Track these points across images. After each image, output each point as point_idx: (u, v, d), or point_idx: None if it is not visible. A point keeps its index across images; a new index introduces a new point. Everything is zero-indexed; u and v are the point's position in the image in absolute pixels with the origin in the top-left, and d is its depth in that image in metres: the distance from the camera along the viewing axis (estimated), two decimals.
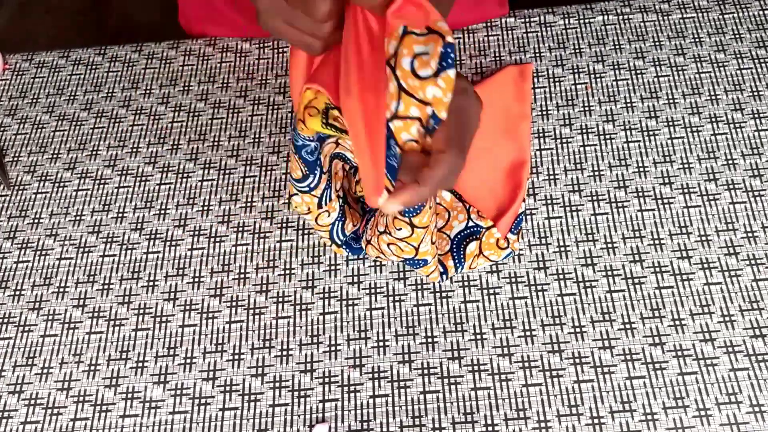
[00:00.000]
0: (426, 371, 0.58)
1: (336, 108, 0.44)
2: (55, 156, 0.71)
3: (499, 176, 0.65)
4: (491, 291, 0.61)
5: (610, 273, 0.61)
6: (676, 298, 0.59)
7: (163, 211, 0.67)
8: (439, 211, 0.63)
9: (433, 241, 0.54)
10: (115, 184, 0.69)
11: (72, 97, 0.75)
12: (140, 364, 0.60)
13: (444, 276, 0.60)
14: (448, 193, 0.64)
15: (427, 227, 0.51)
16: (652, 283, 0.60)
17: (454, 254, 0.61)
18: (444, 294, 0.61)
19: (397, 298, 0.61)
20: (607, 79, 0.71)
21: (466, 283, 0.61)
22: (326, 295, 0.62)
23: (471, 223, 0.62)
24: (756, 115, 0.67)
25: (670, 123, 0.68)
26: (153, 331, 0.61)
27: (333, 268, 0.63)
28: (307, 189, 0.54)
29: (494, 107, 0.69)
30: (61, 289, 0.64)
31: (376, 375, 0.58)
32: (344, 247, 0.61)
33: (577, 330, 0.58)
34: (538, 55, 0.73)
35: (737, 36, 0.72)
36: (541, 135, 0.68)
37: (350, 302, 0.61)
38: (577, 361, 0.57)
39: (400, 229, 0.51)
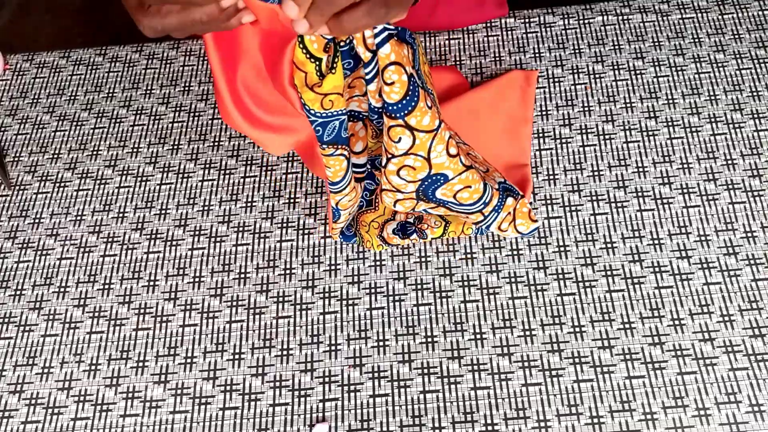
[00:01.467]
0: (426, 371, 0.58)
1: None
2: (55, 156, 0.71)
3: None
4: (491, 291, 0.61)
5: (609, 273, 0.61)
6: (675, 297, 0.59)
7: (163, 211, 0.67)
8: (479, 161, 0.59)
9: (451, 154, 0.48)
10: (116, 184, 0.69)
11: (73, 98, 0.75)
12: (141, 364, 0.60)
13: (492, 210, 0.55)
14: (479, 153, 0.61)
15: (435, 133, 0.46)
16: (652, 282, 0.60)
17: (501, 195, 0.57)
18: (444, 294, 0.61)
19: (397, 297, 0.61)
20: (606, 80, 0.71)
21: (466, 283, 0.61)
22: (326, 294, 0.62)
23: (508, 183, 0.59)
24: (755, 116, 0.67)
25: (670, 123, 0.68)
26: (153, 331, 0.61)
27: (333, 267, 0.63)
28: (351, 174, 0.51)
29: (497, 109, 0.69)
30: (62, 289, 0.64)
31: (376, 374, 0.58)
32: (340, 236, 0.62)
33: (577, 330, 0.59)
34: (537, 55, 0.73)
35: (737, 36, 0.72)
36: (540, 135, 0.68)
37: (350, 302, 0.61)
38: (577, 360, 0.57)
39: (399, 139, 0.46)
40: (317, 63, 0.44)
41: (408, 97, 0.44)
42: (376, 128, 0.52)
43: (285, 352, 0.59)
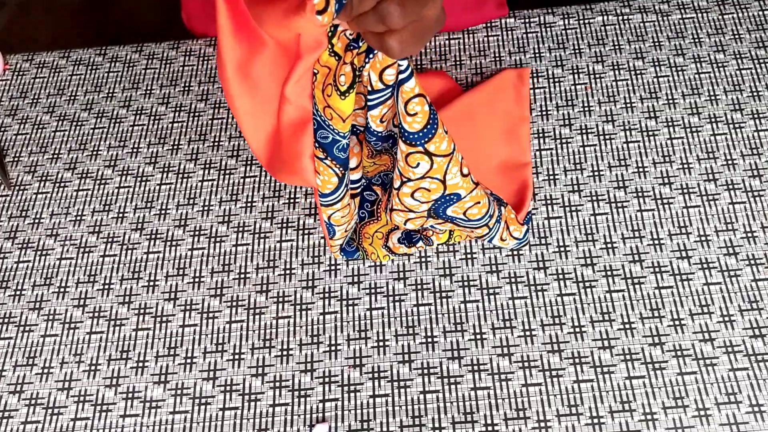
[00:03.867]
0: (426, 371, 0.58)
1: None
2: (55, 156, 0.71)
3: (501, 177, 0.65)
4: (491, 291, 0.61)
5: (609, 273, 0.61)
6: (675, 298, 0.59)
7: (163, 211, 0.67)
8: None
9: (464, 174, 0.50)
10: (116, 184, 0.69)
11: (72, 98, 0.75)
12: (141, 364, 0.60)
13: (495, 221, 0.56)
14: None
15: (450, 156, 0.48)
16: (652, 283, 0.60)
17: (498, 206, 0.58)
18: (444, 294, 0.61)
19: (397, 298, 0.61)
20: (606, 80, 0.71)
21: (466, 283, 0.61)
22: (326, 295, 0.62)
23: (495, 194, 0.61)
24: (755, 116, 0.67)
25: (670, 123, 0.68)
26: (153, 331, 0.61)
27: (333, 268, 0.63)
28: (344, 191, 0.51)
29: (494, 110, 0.69)
30: (62, 289, 0.64)
31: (376, 375, 0.58)
32: (341, 252, 0.61)
33: (577, 330, 0.59)
34: (537, 55, 0.73)
35: (737, 36, 0.72)
36: (540, 135, 0.68)
37: (350, 302, 0.61)
38: (577, 360, 0.57)
39: (417, 165, 0.48)
40: (337, 59, 0.44)
41: (429, 126, 0.45)
42: (373, 149, 0.52)
43: (285, 353, 0.59)
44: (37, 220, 0.67)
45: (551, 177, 0.66)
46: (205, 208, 0.67)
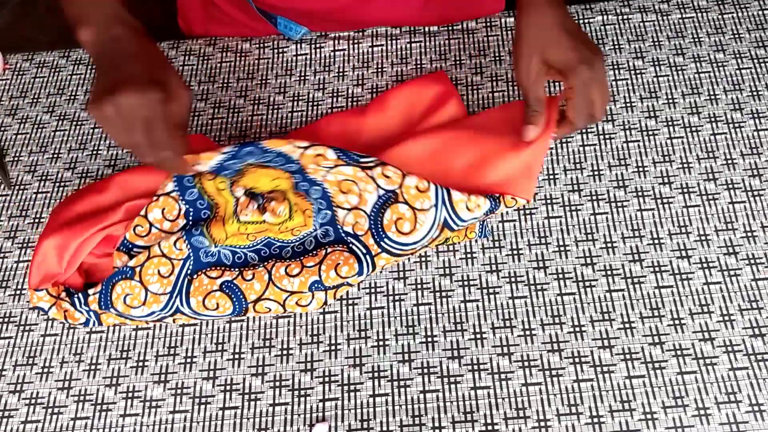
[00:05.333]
0: (426, 370, 0.58)
1: None
2: (55, 156, 0.71)
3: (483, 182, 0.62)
4: (491, 290, 0.61)
5: (609, 272, 0.61)
6: (675, 297, 0.59)
7: None
8: (350, 187, 0.60)
9: (284, 289, 0.59)
10: None
11: (72, 97, 0.75)
12: (141, 364, 0.60)
13: (359, 269, 0.58)
14: (351, 168, 0.60)
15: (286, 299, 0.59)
16: (652, 282, 0.60)
17: (373, 230, 0.58)
18: (444, 293, 0.61)
19: (396, 297, 0.61)
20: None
21: (465, 283, 0.61)
22: None
23: (381, 192, 0.59)
24: (755, 115, 0.67)
25: (670, 123, 0.68)
26: (153, 331, 0.61)
27: None
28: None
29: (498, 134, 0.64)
30: None
31: (375, 374, 0.58)
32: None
33: (577, 329, 0.59)
34: None
35: (736, 36, 0.72)
36: None
37: (350, 302, 0.61)
38: (577, 360, 0.57)
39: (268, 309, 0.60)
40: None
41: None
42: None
43: (285, 352, 0.59)
44: (37, 220, 0.67)
45: (551, 176, 0.66)
46: None
